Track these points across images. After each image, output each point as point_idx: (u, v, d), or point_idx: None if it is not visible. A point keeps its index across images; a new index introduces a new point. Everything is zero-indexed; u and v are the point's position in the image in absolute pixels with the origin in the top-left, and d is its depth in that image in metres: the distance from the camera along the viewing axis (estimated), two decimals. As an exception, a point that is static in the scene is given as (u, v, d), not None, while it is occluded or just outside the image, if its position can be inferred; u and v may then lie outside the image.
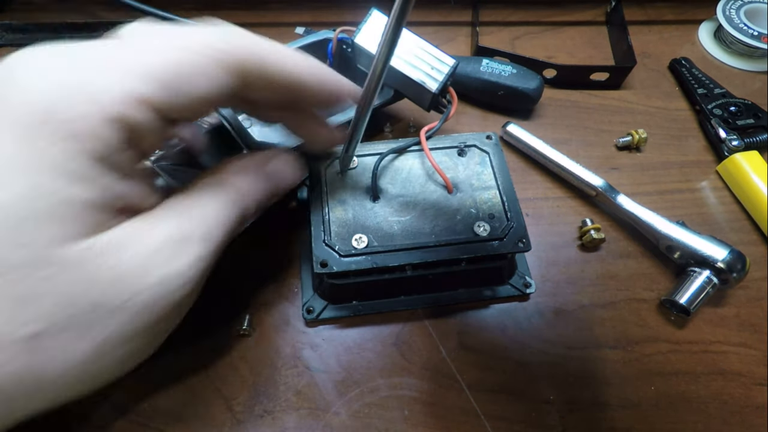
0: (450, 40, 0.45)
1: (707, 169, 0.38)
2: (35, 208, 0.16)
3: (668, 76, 0.43)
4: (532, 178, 0.37)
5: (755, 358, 0.29)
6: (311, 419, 0.27)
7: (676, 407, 0.28)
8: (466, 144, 0.29)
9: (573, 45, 0.45)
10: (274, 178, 0.24)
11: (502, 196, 0.27)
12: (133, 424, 0.26)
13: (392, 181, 0.28)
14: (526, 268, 0.32)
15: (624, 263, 0.33)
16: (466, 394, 0.28)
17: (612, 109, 0.41)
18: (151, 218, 0.19)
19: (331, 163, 0.28)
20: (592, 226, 0.33)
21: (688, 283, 0.30)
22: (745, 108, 0.39)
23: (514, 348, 0.29)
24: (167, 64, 0.17)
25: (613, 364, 0.29)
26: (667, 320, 0.30)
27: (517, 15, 0.47)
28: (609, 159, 0.38)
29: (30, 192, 0.16)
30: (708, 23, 0.47)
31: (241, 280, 0.31)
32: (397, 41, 0.19)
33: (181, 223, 0.20)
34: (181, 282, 0.19)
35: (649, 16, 0.48)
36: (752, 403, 0.28)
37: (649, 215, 0.32)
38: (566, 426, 0.27)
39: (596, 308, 0.31)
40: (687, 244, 0.30)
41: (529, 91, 0.37)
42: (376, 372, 0.28)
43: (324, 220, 0.26)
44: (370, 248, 0.25)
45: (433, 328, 0.30)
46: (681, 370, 0.29)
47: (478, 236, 0.26)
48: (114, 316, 0.17)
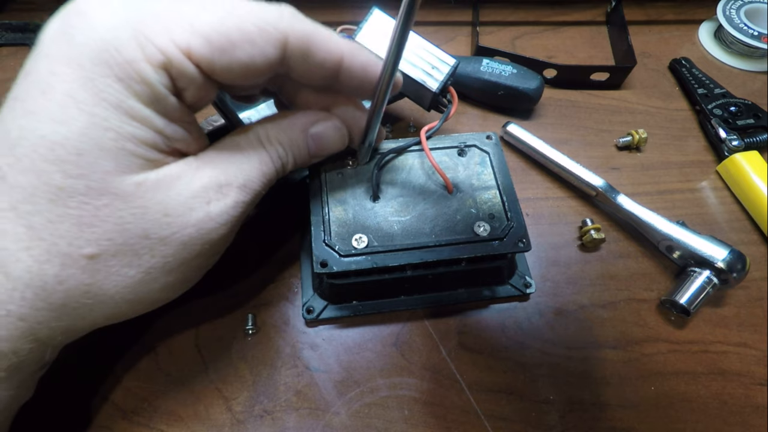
0: (450, 40, 0.45)
1: (707, 169, 0.38)
2: (94, 142, 0.17)
3: (668, 76, 0.43)
4: (532, 178, 0.37)
5: (755, 358, 0.29)
6: (311, 419, 0.27)
7: (676, 407, 0.28)
8: (466, 144, 0.29)
9: (573, 45, 0.45)
10: (318, 141, 0.24)
11: (502, 196, 0.27)
12: (133, 424, 0.26)
13: (392, 181, 0.28)
14: (527, 268, 0.32)
15: (624, 263, 0.33)
16: (466, 394, 0.28)
17: (612, 109, 0.41)
18: (197, 162, 0.21)
19: (332, 164, 0.28)
20: (592, 226, 0.33)
21: (688, 283, 0.30)
22: (746, 108, 0.39)
23: (514, 348, 0.29)
24: (219, 25, 0.18)
25: (613, 364, 0.29)
26: (667, 320, 0.30)
27: (518, 15, 0.47)
28: (609, 159, 0.38)
29: (89, 128, 0.17)
30: (708, 23, 0.47)
31: (241, 279, 0.31)
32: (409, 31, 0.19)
33: (224, 169, 0.21)
34: (219, 223, 0.21)
35: (650, 16, 0.48)
36: (752, 403, 0.28)
37: (649, 215, 0.32)
38: (566, 426, 0.27)
39: (596, 308, 0.31)
40: (687, 244, 0.30)
41: (530, 91, 0.37)
42: (376, 372, 0.28)
43: (324, 220, 0.26)
44: (370, 248, 0.25)
45: (433, 328, 0.30)
46: (681, 370, 0.29)
47: (479, 236, 0.26)
48: (160, 248, 0.19)
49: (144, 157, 0.19)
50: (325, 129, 0.24)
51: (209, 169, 0.21)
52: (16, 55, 0.43)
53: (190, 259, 0.21)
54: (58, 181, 0.17)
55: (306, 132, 0.24)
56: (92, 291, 0.19)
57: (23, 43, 0.43)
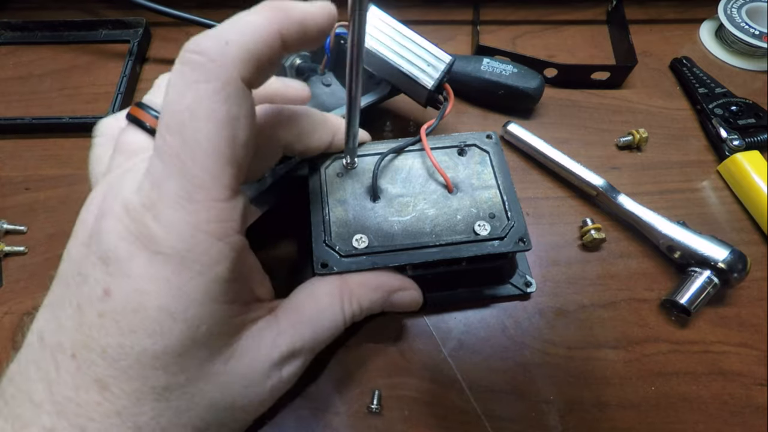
0: (450, 39, 0.45)
1: (708, 169, 0.37)
2: (191, 341, 0.18)
3: (669, 76, 0.43)
4: (532, 178, 0.37)
5: (756, 358, 0.29)
6: (311, 419, 0.27)
7: (677, 407, 0.27)
8: (466, 143, 0.29)
9: (574, 44, 0.45)
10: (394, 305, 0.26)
11: (502, 196, 0.27)
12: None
13: (392, 181, 0.28)
14: (527, 268, 0.32)
15: (624, 263, 0.33)
16: (467, 394, 0.28)
17: (613, 109, 0.41)
18: (275, 326, 0.22)
19: (332, 164, 0.28)
20: (592, 225, 0.33)
21: (689, 283, 0.29)
22: (747, 107, 0.39)
23: (514, 348, 0.29)
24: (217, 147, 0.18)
25: (614, 364, 0.29)
26: (667, 320, 0.30)
27: (518, 14, 0.47)
28: (610, 158, 0.38)
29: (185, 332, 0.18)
30: (709, 22, 0.47)
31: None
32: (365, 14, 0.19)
33: (300, 332, 0.23)
34: (288, 384, 0.23)
35: (650, 15, 0.48)
36: (753, 404, 0.28)
37: (650, 215, 0.32)
38: (566, 426, 0.27)
39: (597, 308, 0.31)
40: (688, 244, 0.30)
41: (530, 90, 0.37)
42: (376, 372, 0.28)
43: (324, 220, 0.26)
44: (371, 248, 0.25)
45: (434, 328, 0.30)
46: (681, 371, 0.29)
47: (479, 236, 0.26)
48: (241, 415, 0.21)
49: (229, 332, 0.20)
50: (405, 296, 0.26)
51: (286, 335, 0.22)
52: (15, 54, 0.43)
53: (260, 413, 0.23)
54: (162, 382, 0.18)
55: (389, 295, 0.25)
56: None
57: (23, 42, 0.43)
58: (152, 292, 0.18)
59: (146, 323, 0.18)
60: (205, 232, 0.18)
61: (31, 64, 0.42)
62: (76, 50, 0.43)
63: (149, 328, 0.18)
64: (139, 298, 0.18)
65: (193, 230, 0.18)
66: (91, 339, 0.18)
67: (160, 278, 0.18)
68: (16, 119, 0.37)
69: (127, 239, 0.18)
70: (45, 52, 0.43)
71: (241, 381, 0.20)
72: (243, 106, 0.18)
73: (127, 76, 0.39)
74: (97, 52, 0.43)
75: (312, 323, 0.23)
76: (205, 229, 0.18)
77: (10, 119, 0.37)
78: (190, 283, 0.18)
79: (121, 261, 0.18)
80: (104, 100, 0.40)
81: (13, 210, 0.34)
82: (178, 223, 0.18)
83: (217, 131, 0.18)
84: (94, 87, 0.41)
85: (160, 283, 0.18)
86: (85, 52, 0.43)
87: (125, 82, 0.39)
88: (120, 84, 0.39)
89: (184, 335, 0.18)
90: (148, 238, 0.18)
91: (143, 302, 0.18)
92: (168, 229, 0.18)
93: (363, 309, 0.25)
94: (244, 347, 0.21)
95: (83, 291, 0.18)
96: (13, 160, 0.36)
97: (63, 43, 0.43)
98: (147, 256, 0.18)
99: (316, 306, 0.24)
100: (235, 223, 0.19)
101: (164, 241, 0.18)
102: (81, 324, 0.18)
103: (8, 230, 0.33)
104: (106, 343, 0.18)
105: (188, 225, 0.18)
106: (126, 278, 0.18)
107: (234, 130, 0.18)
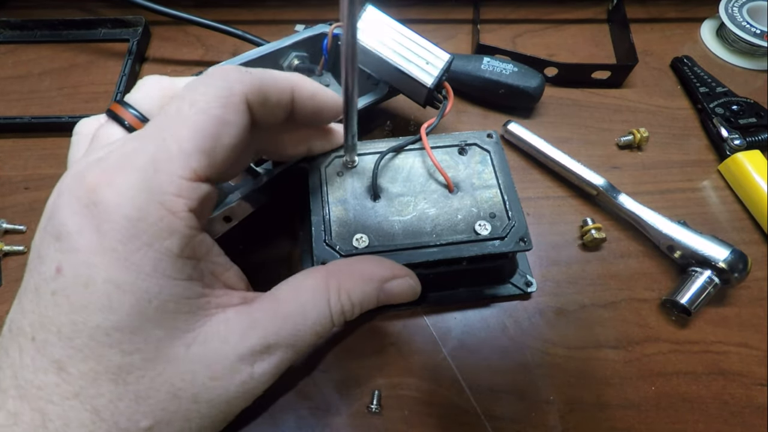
0: (451, 38, 0.45)
1: (709, 169, 0.37)
2: (143, 317, 0.18)
3: (670, 75, 0.43)
4: (533, 177, 0.36)
5: (756, 358, 0.29)
6: (311, 419, 0.26)
7: (677, 407, 0.27)
8: (466, 142, 0.29)
9: (574, 43, 0.45)
10: (390, 295, 0.25)
11: (503, 195, 0.27)
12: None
13: (393, 180, 0.28)
14: (527, 268, 0.32)
15: (625, 263, 0.33)
16: (467, 394, 0.28)
17: (613, 108, 0.41)
18: (249, 316, 0.21)
19: (331, 163, 0.28)
20: (593, 225, 0.33)
21: (690, 283, 0.29)
22: (748, 107, 0.39)
23: (514, 348, 0.29)
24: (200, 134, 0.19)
25: (614, 364, 0.29)
26: (668, 320, 0.30)
27: (519, 13, 0.47)
28: (610, 158, 0.38)
29: (135, 306, 0.18)
30: (710, 21, 0.47)
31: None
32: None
33: (277, 328, 0.21)
34: (260, 382, 0.21)
35: (651, 14, 0.48)
36: (753, 404, 0.28)
37: (651, 215, 0.32)
38: (566, 426, 0.27)
39: (597, 308, 0.31)
40: (688, 244, 0.30)
41: (530, 89, 0.37)
42: (376, 372, 0.28)
43: (324, 220, 0.26)
44: (371, 248, 0.25)
45: (434, 328, 0.30)
46: (682, 371, 0.29)
47: (479, 235, 0.26)
48: (207, 410, 0.20)
49: (188, 311, 0.19)
50: (400, 285, 0.25)
51: (259, 328, 0.21)
52: (14, 53, 0.43)
53: (228, 416, 0.21)
54: (117, 361, 0.18)
55: (381, 285, 0.24)
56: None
57: (22, 41, 0.43)
58: (100, 264, 0.17)
59: (95, 297, 0.17)
60: (160, 203, 0.18)
61: (30, 63, 0.42)
62: (76, 49, 0.43)
63: (98, 303, 0.17)
64: (87, 271, 0.17)
65: (148, 197, 0.18)
66: (47, 319, 0.18)
67: (107, 249, 0.17)
68: (15, 118, 0.37)
69: (79, 212, 0.18)
70: (44, 51, 0.43)
71: (205, 371, 0.19)
72: (237, 120, 0.20)
73: (126, 75, 0.39)
74: (97, 51, 0.43)
75: (292, 318, 0.22)
76: (159, 199, 0.18)
77: (9, 118, 0.37)
78: (137, 254, 0.18)
79: (71, 235, 0.18)
80: (103, 99, 0.39)
81: (12, 209, 0.34)
82: (133, 189, 0.18)
83: (205, 122, 0.19)
84: (93, 86, 0.41)
85: (107, 254, 0.17)
86: (85, 51, 0.43)
87: (124, 81, 0.39)
88: (119, 83, 0.39)
89: (133, 309, 0.18)
90: (98, 206, 0.18)
91: (92, 275, 0.17)
92: (122, 194, 0.18)
93: (354, 303, 0.23)
94: (208, 333, 0.20)
95: (40, 271, 0.18)
96: (13, 159, 0.36)
97: (62, 42, 0.43)
98: (95, 226, 0.17)
99: (298, 299, 0.22)
100: (192, 202, 0.19)
101: (115, 207, 0.17)
102: (38, 305, 0.18)
103: (8, 230, 0.32)
104: (60, 321, 0.17)
105: (143, 192, 0.18)
106: (75, 252, 0.17)
107: (222, 130, 0.19)
